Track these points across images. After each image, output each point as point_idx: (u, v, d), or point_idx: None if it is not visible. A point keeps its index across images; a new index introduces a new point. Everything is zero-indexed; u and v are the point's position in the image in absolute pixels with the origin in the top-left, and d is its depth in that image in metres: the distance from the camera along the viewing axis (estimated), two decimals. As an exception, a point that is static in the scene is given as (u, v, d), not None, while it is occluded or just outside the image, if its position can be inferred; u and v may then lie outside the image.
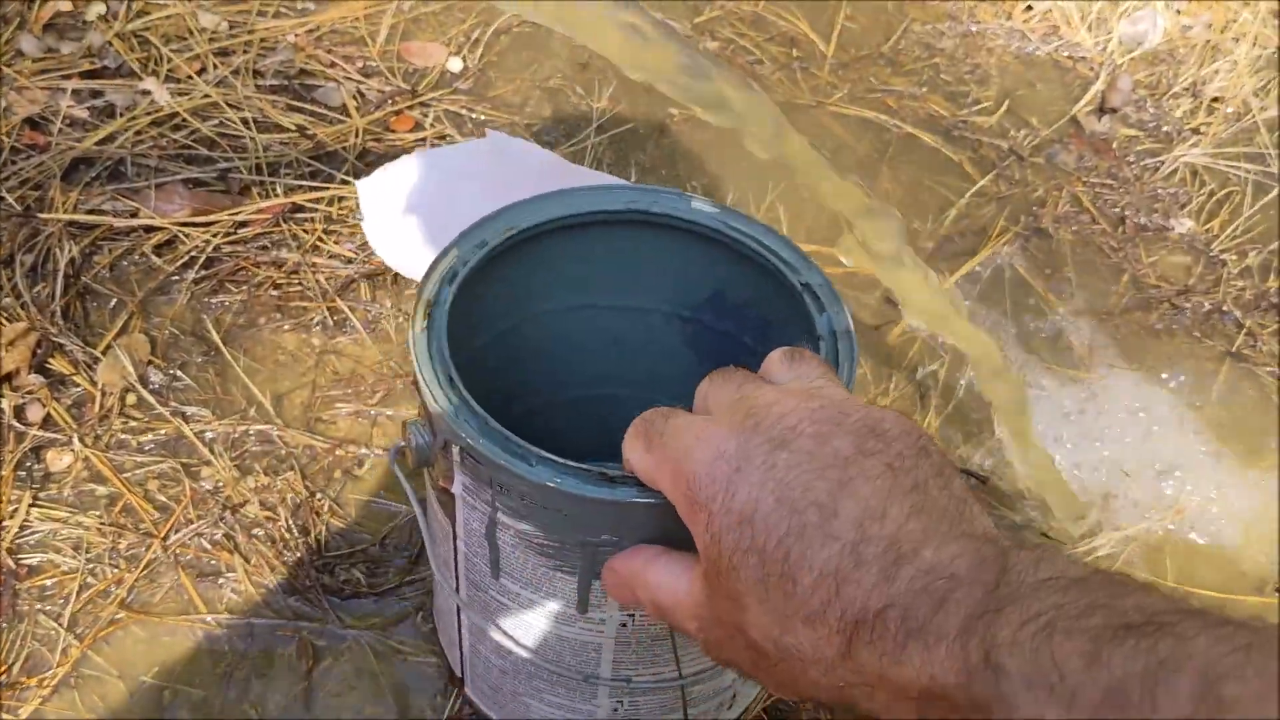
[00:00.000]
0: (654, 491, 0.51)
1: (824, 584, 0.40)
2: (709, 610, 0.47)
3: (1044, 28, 1.54)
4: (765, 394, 0.47)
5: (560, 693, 0.68)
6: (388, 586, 0.84)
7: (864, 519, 0.41)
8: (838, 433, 0.43)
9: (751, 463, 0.43)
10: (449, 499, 0.60)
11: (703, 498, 0.44)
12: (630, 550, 0.53)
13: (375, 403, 0.95)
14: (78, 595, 0.81)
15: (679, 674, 0.65)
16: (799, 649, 0.42)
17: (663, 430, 0.48)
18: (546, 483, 0.53)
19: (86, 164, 1.08)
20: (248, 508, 0.87)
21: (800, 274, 0.64)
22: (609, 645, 0.63)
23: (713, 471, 0.44)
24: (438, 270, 0.62)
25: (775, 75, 1.37)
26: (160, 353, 0.96)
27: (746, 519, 0.43)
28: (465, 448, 0.55)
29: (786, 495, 0.42)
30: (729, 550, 0.43)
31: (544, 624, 0.63)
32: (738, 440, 0.45)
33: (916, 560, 0.40)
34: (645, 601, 0.52)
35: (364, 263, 1.04)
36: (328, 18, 1.31)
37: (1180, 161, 1.34)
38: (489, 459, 0.53)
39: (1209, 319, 1.15)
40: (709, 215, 0.68)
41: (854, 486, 0.42)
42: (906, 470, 0.42)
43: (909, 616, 0.38)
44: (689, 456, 0.46)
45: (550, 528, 0.56)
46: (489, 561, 0.61)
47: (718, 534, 0.44)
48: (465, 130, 1.21)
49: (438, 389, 0.56)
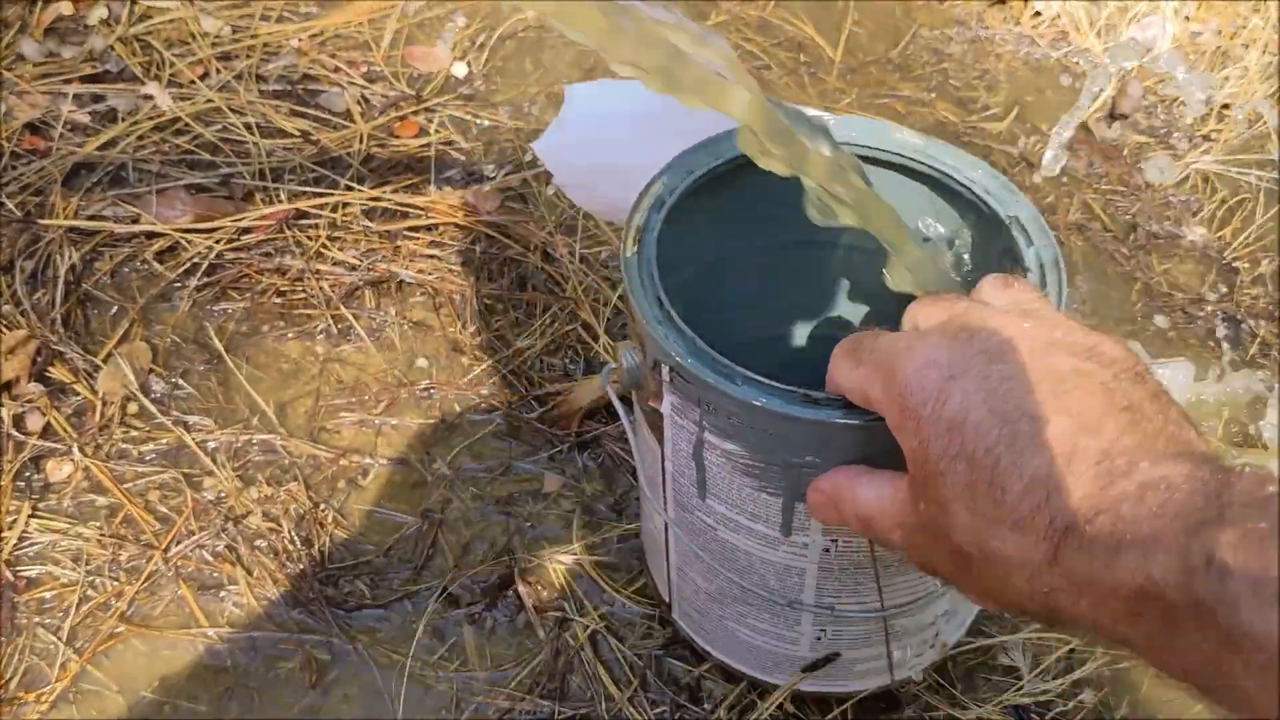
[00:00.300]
0: (857, 412, 0.52)
1: (1034, 491, 0.41)
2: (914, 517, 0.48)
3: (1053, 33, 1.53)
4: (981, 310, 0.48)
5: (765, 618, 0.69)
6: (392, 598, 0.83)
7: (1078, 431, 0.41)
8: (1054, 350, 0.44)
9: (965, 372, 0.44)
10: (658, 419, 0.62)
11: (913, 404, 0.45)
12: (834, 469, 0.55)
13: (379, 412, 0.94)
14: (77, 608, 0.80)
15: (881, 605, 0.66)
16: (1004, 554, 0.42)
17: (873, 346, 0.49)
18: (752, 401, 0.54)
19: (88, 169, 1.07)
20: (250, 519, 0.86)
21: (1008, 206, 0.64)
22: (812, 570, 0.64)
23: (924, 379, 0.45)
24: (647, 197, 0.65)
25: (783, 80, 1.35)
26: (162, 361, 0.95)
27: (956, 426, 0.43)
28: (674, 366, 0.57)
29: (999, 405, 0.43)
30: (937, 456, 0.44)
31: (749, 546, 0.64)
32: (950, 350, 0.45)
33: (1133, 472, 0.40)
34: (849, 516, 0.53)
35: (368, 270, 1.03)
36: (331, 22, 1.30)
37: (1191, 168, 1.32)
38: (697, 377, 0.55)
39: (1222, 327, 1.13)
40: (913, 147, 0.68)
41: (1068, 400, 0.42)
42: (1122, 391, 0.43)
43: (1122, 520, 0.39)
44: (900, 365, 0.47)
45: (756, 447, 0.57)
46: (696, 482, 0.63)
47: (926, 440, 0.44)
48: (470, 136, 1.20)
49: (649, 308, 0.59)
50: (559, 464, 0.93)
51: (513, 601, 0.83)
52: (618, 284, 1.06)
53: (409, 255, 1.05)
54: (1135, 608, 0.39)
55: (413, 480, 0.90)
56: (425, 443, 0.93)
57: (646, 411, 0.65)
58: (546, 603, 0.83)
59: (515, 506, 0.89)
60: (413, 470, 0.91)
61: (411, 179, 1.12)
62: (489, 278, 1.05)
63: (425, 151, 1.16)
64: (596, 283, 1.06)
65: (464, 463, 0.91)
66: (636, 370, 0.62)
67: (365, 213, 1.07)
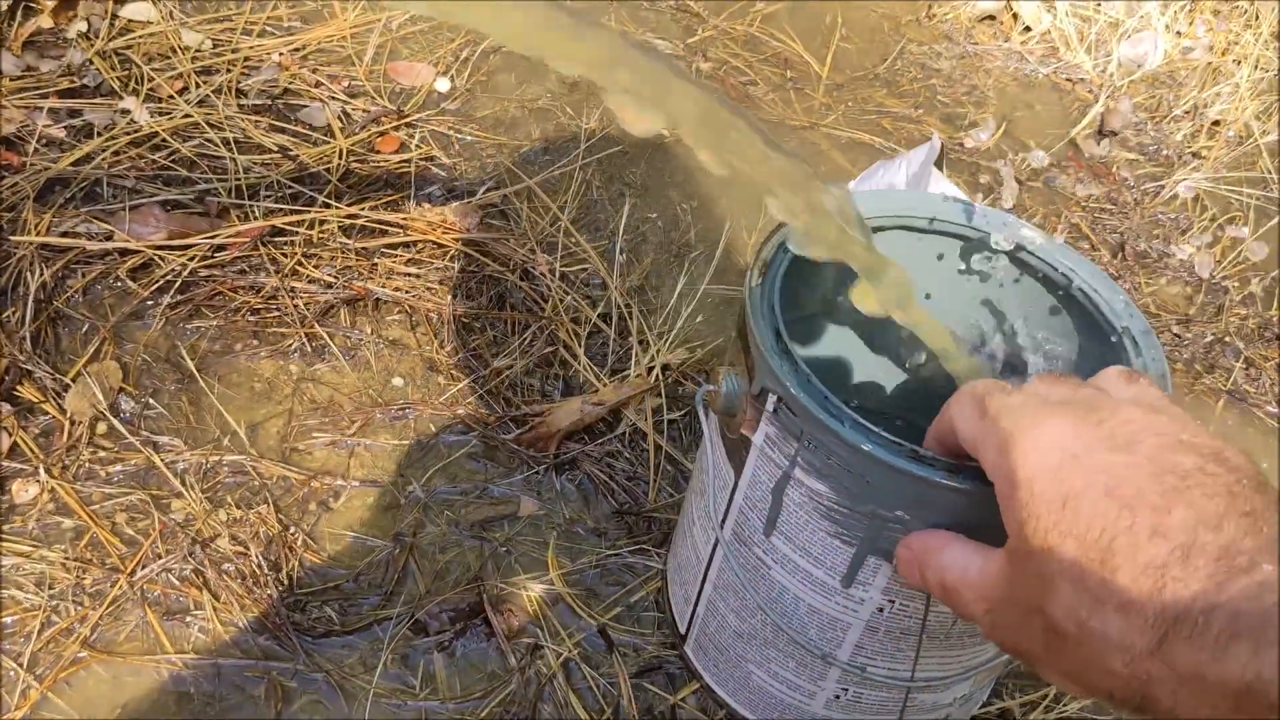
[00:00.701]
0: (960, 476, 0.53)
1: (1147, 576, 0.41)
2: (1006, 591, 0.48)
3: (1043, 49, 1.52)
4: (1109, 398, 0.48)
5: (790, 666, 0.69)
6: (361, 624, 0.81)
7: (1198, 525, 0.41)
8: (1180, 448, 0.44)
9: (1089, 453, 0.44)
10: (743, 447, 0.63)
11: (1028, 476, 0.45)
12: (929, 530, 0.55)
13: (353, 433, 0.93)
14: (39, 634, 0.78)
15: (911, 675, 0.65)
16: (1105, 635, 0.42)
17: (1001, 405, 0.49)
18: (860, 445, 0.54)
19: (62, 184, 1.06)
20: (218, 542, 0.84)
21: (1121, 317, 0.65)
22: (858, 627, 0.64)
23: (1045, 455, 0.45)
24: (775, 237, 0.65)
25: (769, 96, 1.34)
26: (132, 380, 0.94)
27: (1072, 503, 0.44)
28: (784, 397, 0.57)
29: (1119, 490, 0.43)
30: (1045, 529, 0.44)
31: (802, 592, 0.64)
32: (1077, 431, 0.46)
33: (1254, 571, 0.40)
34: (932, 582, 0.53)
35: (344, 287, 1.01)
36: (314, 36, 1.29)
37: (1181, 186, 1.31)
38: (806, 412, 0.56)
39: (1210, 351, 1.12)
40: (1037, 245, 0.68)
41: (1191, 496, 0.42)
42: (1245, 496, 0.43)
43: (1239, 619, 0.39)
44: (1023, 437, 0.47)
45: (847, 493, 0.58)
46: (766, 517, 0.63)
47: (1037, 513, 0.45)
48: (452, 151, 1.19)
49: (768, 337, 0.59)
50: (535, 486, 0.91)
51: (483, 628, 0.81)
52: (598, 303, 1.05)
53: (386, 273, 1.04)
54: (1239, 704, 0.39)
55: (385, 503, 0.89)
56: (399, 464, 0.91)
57: (730, 439, 0.65)
58: (518, 630, 0.82)
59: (490, 531, 0.88)
60: (385, 493, 0.89)
61: (391, 195, 1.11)
62: (467, 296, 1.03)
63: (405, 167, 1.15)
64: (577, 301, 1.04)
65: (438, 485, 0.90)
66: (735, 396, 0.62)
67: (342, 230, 1.06)
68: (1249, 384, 1.09)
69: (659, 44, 1.37)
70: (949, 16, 1.54)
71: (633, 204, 1.17)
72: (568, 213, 1.13)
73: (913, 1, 1.56)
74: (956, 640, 0.64)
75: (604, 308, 1.04)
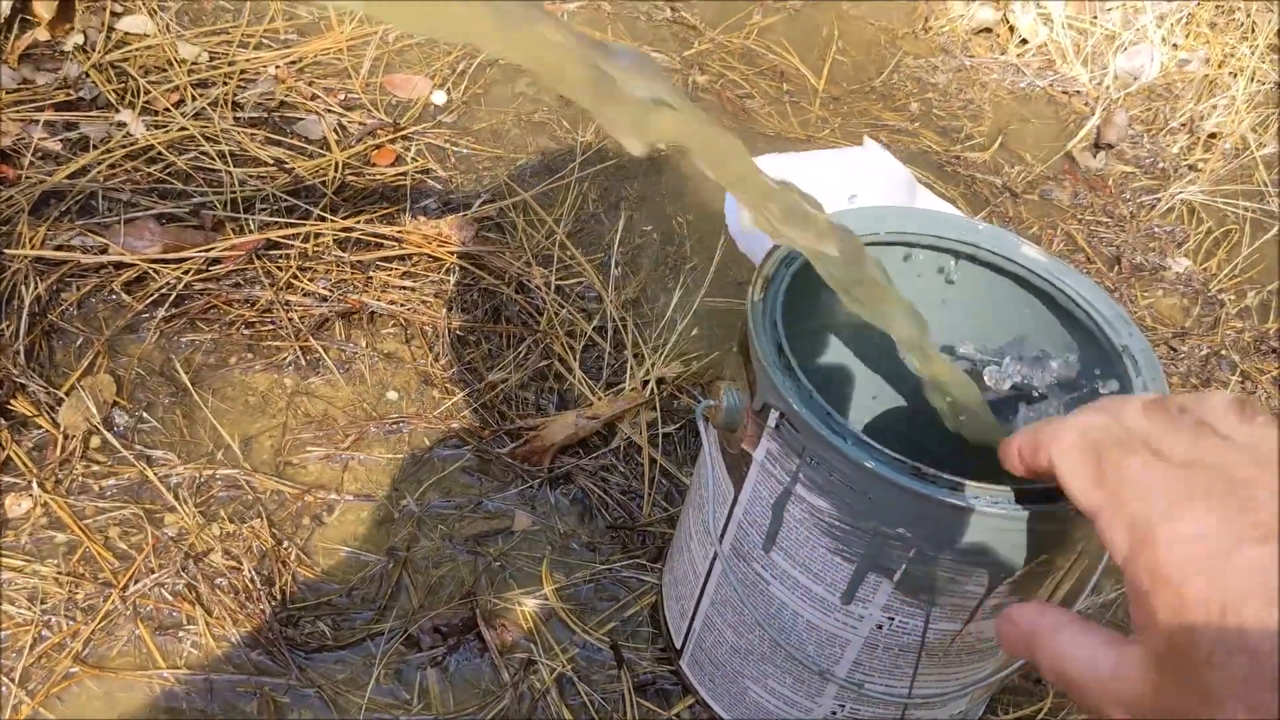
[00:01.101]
0: (963, 494, 0.53)
1: None
2: (1154, 700, 0.43)
3: (1039, 62, 1.52)
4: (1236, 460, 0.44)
5: (787, 681, 0.69)
6: (354, 639, 0.81)
7: None
8: None
9: (1239, 552, 0.40)
10: (743, 463, 0.63)
11: (1172, 576, 0.41)
12: (1035, 605, 0.50)
13: (347, 446, 0.92)
14: (31, 648, 0.78)
15: (908, 691, 0.65)
16: None
17: (1120, 468, 0.45)
18: (863, 462, 0.54)
19: (57, 198, 1.06)
20: (211, 556, 0.84)
21: (1121, 335, 0.65)
22: (856, 644, 0.64)
23: (1189, 550, 0.41)
24: (777, 253, 0.66)
25: (765, 109, 1.35)
26: (126, 393, 0.93)
27: (1232, 614, 0.39)
28: (786, 412, 0.57)
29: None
30: (1208, 644, 0.40)
31: (801, 608, 0.64)
32: (1219, 518, 0.41)
33: None
34: (1048, 668, 0.49)
35: (339, 300, 1.01)
36: (310, 49, 1.29)
37: (1177, 199, 1.31)
38: (809, 428, 0.56)
39: (1206, 364, 1.12)
40: (1038, 263, 0.69)
41: None
42: None
43: None
44: (1158, 525, 0.42)
45: (848, 509, 0.58)
46: (765, 533, 0.63)
47: (1191, 624, 0.40)
48: (448, 164, 1.19)
49: (770, 352, 0.59)
50: (530, 500, 0.91)
51: (477, 644, 0.81)
52: (593, 316, 1.05)
53: (381, 286, 1.04)
54: None
55: (379, 517, 0.88)
56: (393, 478, 0.91)
57: (730, 454, 0.65)
58: (512, 645, 0.81)
59: (484, 545, 0.87)
60: (379, 507, 0.89)
61: (386, 208, 1.11)
62: (462, 309, 1.03)
63: (401, 180, 1.15)
64: (572, 315, 1.04)
65: (432, 499, 0.90)
66: (736, 411, 0.62)
67: (337, 243, 1.06)
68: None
69: (656, 56, 1.37)
70: (945, 29, 1.54)
71: (628, 217, 1.17)
72: (563, 226, 1.13)
73: (909, 14, 1.56)
74: (954, 658, 0.64)
75: (599, 321, 1.04)
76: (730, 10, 1.49)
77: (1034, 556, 0.57)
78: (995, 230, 0.70)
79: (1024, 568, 0.58)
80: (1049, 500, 0.55)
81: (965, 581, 0.58)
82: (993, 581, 0.58)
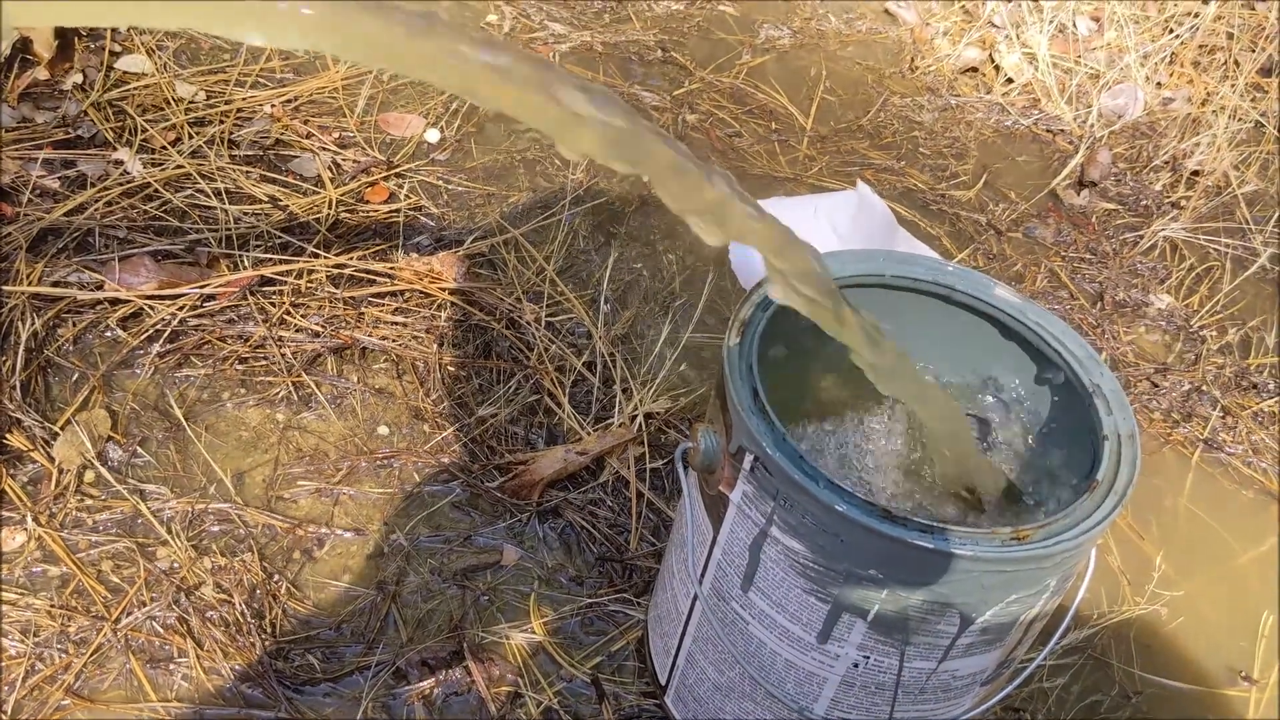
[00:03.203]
0: (932, 536, 0.54)
1: None
2: None
3: (1024, 100, 1.55)
4: None
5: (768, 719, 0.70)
6: (343, 673, 0.82)
7: None
8: None
9: None
10: (720, 504, 0.64)
11: None
12: None
13: (338, 481, 0.94)
14: (23, 681, 0.79)
15: None
16: None
17: None
18: (834, 505, 0.56)
19: (54, 235, 1.07)
20: (203, 590, 0.85)
21: (1092, 375, 0.66)
22: (834, 682, 0.65)
23: None
24: (756, 293, 0.67)
25: (754, 148, 1.37)
26: (121, 428, 0.95)
27: None
28: (760, 456, 0.58)
29: None
30: None
31: (779, 647, 0.65)
32: None
33: None
34: None
35: (331, 336, 1.03)
36: (306, 88, 1.31)
37: (1159, 236, 1.33)
38: (782, 472, 0.57)
39: (1188, 399, 1.13)
40: (1010, 304, 0.70)
41: None
42: None
43: None
44: None
45: (821, 550, 0.59)
46: (743, 574, 0.64)
47: None
48: (440, 201, 1.21)
49: (745, 397, 0.60)
50: (518, 535, 0.92)
51: (465, 677, 0.82)
52: (583, 352, 1.07)
53: (373, 322, 1.05)
54: None
55: (369, 551, 0.90)
56: (383, 513, 0.92)
57: (709, 495, 0.66)
58: (499, 678, 0.82)
59: (472, 579, 0.89)
60: (369, 541, 0.90)
61: (379, 245, 1.13)
62: (454, 344, 1.05)
63: (394, 217, 1.17)
64: (562, 350, 1.06)
65: (422, 534, 0.91)
66: (714, 453, 0.64)
67: (330, 279, 1.07)
68: (1225, 432, 1.10)
69: (646, 96, 1.39)
70: (932, 69, 1.57)
71: (618, 254, 1.18)
72: (554, 262, 1.15)
73: (896, 54, 1.59)
74: (931, 694, 0.65)
75: (589, 356, 1.06)
76: (720, 50, 1.52)
77: (1005, 596, 0.58)
78: (967, 272, 0.72)
79: (995, 607, 0.59)
80: (1018, 542, 0.56)
81: (938, 621, 0.59)
82: (964, 621, 0.59)
